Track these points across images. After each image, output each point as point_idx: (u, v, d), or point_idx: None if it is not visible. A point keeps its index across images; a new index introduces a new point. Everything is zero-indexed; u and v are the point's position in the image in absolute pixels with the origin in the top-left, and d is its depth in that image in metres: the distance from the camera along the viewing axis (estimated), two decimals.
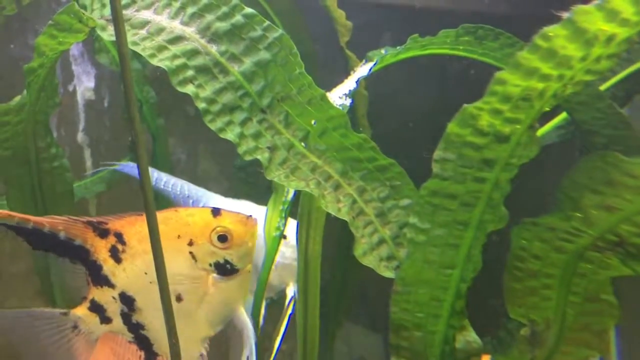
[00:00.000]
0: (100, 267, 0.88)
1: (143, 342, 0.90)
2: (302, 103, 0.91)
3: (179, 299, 0.89)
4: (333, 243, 1.62)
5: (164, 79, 0.93)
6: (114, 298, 0.88)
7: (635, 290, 1.08)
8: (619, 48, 0.73)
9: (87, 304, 0.90)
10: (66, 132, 1.78)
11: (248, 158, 0.91)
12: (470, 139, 0.83)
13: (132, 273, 0.88)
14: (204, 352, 0.93)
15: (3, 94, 1.69)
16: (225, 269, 0.89)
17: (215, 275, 0.89)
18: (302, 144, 0.92)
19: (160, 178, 1.26)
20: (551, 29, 0.72)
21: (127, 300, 0.89)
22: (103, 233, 0.88)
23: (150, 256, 0.83)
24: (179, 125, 1.84)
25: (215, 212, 0.89)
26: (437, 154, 0.86)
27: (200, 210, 0.91)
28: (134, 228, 0.88)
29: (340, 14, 1.44)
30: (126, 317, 0.90)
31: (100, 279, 0.88)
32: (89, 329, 0.89)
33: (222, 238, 0.88)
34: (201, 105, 0.89)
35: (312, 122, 0.91)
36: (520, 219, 0.91)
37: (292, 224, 1.06)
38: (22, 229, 0.84)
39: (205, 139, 1.89)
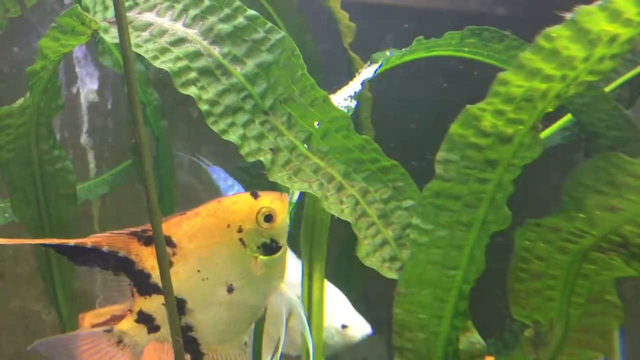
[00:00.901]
0: (148, 276, 0.85)
1: (190, 343, 0.88)
2: (305, 105, 0.91)
3: (230, 290, 0.88)
4: (337, 244, 1.62)
5: (167, 81, 0.93)
6: (163, 304, 0.84)
7: (638, 291, 1.08)
8: (622, 48, 0.73)
9: (133, 317, 0.87)
10: (69, 134, 1.79)
11: (251, 160, 0.91)
12: (473, 139, 0.83)
13: (184, 274, 0.86)
14: (247, 340, 0.92)
15: (6, 96, 1.69)
16: (271, 248, 0.89)
17: (261, 257, 0.88)
18: (305, 145, 0.92)
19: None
20: (554, 30, 0.72)
21: (180, 304, 0.86)
22: (148, 240, 0.85)
23: (203, 252, 0.85)
24: (182, 127, 1.85)
25: (254, 194, 0.89)
26: (440, 155, 0.86)
27: (240, 196, 0.90)
28: (181, 228, 0.86)
29: (343, 15, 1.44)
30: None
31: (148, 288, 0.86)
32: (135, 341, 0.87)
33: (268, 218, 0.87)
34: (204, 107, 0.89)
35: (315, 123, 0.91)
36: (524, 220, 0.91)
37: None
38: (63, 247, 0.83)
39: (208, 141, 1.89)
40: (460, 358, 0.94)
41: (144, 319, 0.86)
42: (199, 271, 0.86)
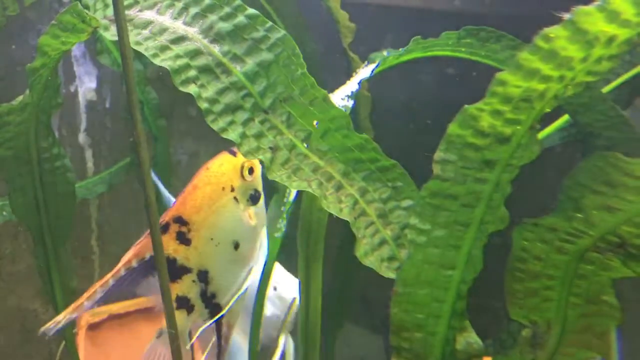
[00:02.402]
0: (174, 261, 0.88)
1: (215, 310, 0.92)
2: (305, 104, 0.91)
3: (236, 246, 0.91)
4: (334, 244, 1.62)
5: (165, 79, 0.93)
6: (193, 281, 0.89)
7: (636, 292, 1.08)
8: (620, 49, 0.74)
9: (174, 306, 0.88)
10: (67, 132, 1.79)
11: (250, 158, 0.91)
12: (471, 139, 0.83)
13: (202, 247, 0.89)
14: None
15: (4, 94, 1.69)
16: (256, 198, 0.94)
17: (250, 208, 0.93)
18: (304, 144, 0.92)
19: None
20: (552, 30, 0.73)
21: (203, 276, 0.90)
22: (164, 228, 0.88)
23: (210, 219, 0.88)
24: (180, 126, 1.85)
25: (232, 152, 0.94)
26: (438, 155, 0.86)
27: (223, 158, 0.94)
28: (187, 205, 0.90)
29: (343, 16, 1.45)
30: (203, 294, 0.90)
31: (178, 272, 0.89)
32: (182, 330, 0.89)
33: (250, 170, 0.93)
34: (203, 105, 0.89)
35: (315, 122, 0.92)
36: (521, 220, 0.91)
37: (281, 273, 1.05)
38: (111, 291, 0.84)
39: (207, 140, 1.90)
40: (457, 358, 0.94)
41: (182, 303, 0.89)
42: (211, 239, 0.90)
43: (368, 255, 0.94)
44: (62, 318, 0.81)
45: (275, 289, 1.09)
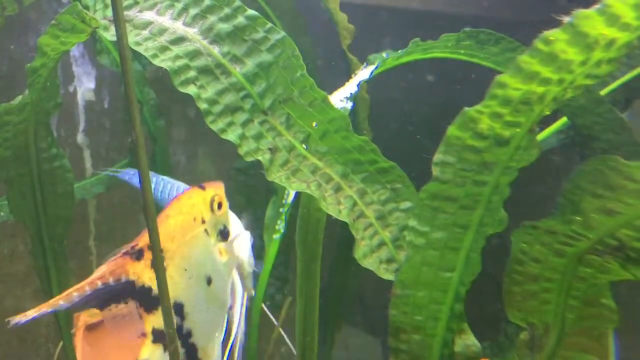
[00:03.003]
0: (149, 290, 0.84)
1: (191, 352, 0.88)
2: (304, 105, 0.91)
3: (209, 282, 0.89)
4: (332, 246, 1.62)
5: (164, 80, 0.93)
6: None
7: (634, 295, 1.09)
8: (619, 52, 0.74)
9: (149, 339, 0.85)
10: (66, 133, 1.79)
11: (249, 159, 0.91)
12: (470, 142, 0.83)
13: (176, 276, 0.86)
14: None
15: (4, 94, 1.69)
16: (225, 234, 0.91)
17: (221, 243, 0.91)
18: (304, 145, 0.92)
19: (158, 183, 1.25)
20: (552, 33, 0.73)
21: (178, 309, 0.86)
22: (138, 254, 0.84)
23: (184, 249, 0.86)
24: (179, 127, 1.85)
25: (200, 186, 0.91)
26: (437, 157, 0.86)
27: (192, 191, 0.91)
28: (160, 232, 0.84)
29: (342, 17, 1.45)
30: (179, 331, 0.87)
31: (153, 301, 0.85)
32: None
33: (219, 205, 0.90)
34: (203, 106, 0.89)
35: (314, 124, 0.92)
36: (519, 222, 0.91)
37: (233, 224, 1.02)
38: (85, 297, 0.80)
39: (205, 141, 1.89)
40: None
41: (158, 337, 0.85)
42: (185, 270, 0.87)
43: (367, 256, 0.94)
44: (33, 313, 0.79)
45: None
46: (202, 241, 0.89)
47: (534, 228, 0.88)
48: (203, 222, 0.89)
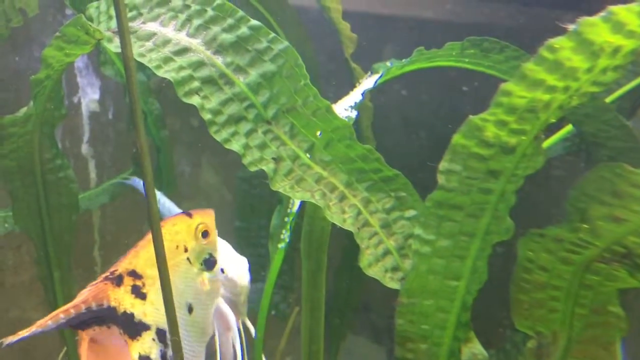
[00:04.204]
0: (131, 316, 0.84)
1: None
2: (308, 114, 0.91)
3: (190, 309, 0.89)
4: (337, 254, 1.62)
5: (168, 90, 0.93)
6: (153, 340, 0.85)
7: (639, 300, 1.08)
8: (625, 60, 0.74)
9: None
10: (70, 143, 1.79)
11: (253, 169, 0.91)
12: (476, 150, 0.83)
13: (158, 302, 0.85)
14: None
15: (8, 105, 1.69)
16: (210, 263, 0.91)
17: (205, 273, 0.90)
18: (307, 155, 0.92)
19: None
20: (557, 41, 0.73)
21: (161, 335, 0.86)
22: (118, 280, 0.84)
23: None
24: (183, 137, 1.85)
25: (188, 214, 0.91)
26: (443, 165, 0.86)
27: (177, 218, 0.91)
28: (140, 258, 0.86)
29: (345, 26, 1.45)
30: (163, 358, 0.86)
31: (137, 328, 0.84)
32: None
33: (205, 234, 0.90)
34: (207, 116, 0.89)
35: (318, 133, 0.92)
36: (524, 230, 0.91)
37: (226, 252, 1.01)
38: (69, 320, 0.81)
39: (209, 151, 1.90)
40: None
41: None
42: None
43: (372, 265, 0.94)
44: (23, 333, 0.79)
45: (223, 271, 1.03)
46: (184, 269, 0.88)
47: (540, 236, 0.88)
48: (186, 250, 0.89)
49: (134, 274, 0.85)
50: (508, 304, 0.95)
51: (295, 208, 1.21)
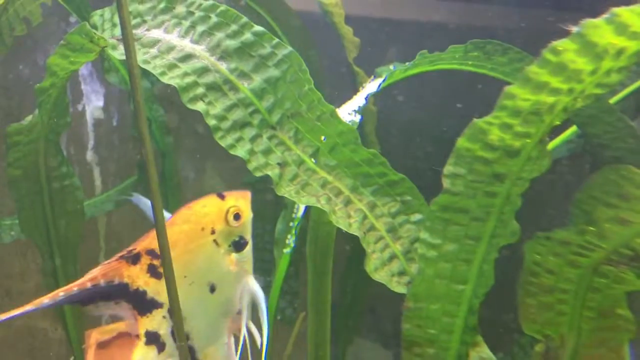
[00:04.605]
0: (144, 293, 0.86)
1: (189, 352, 0.89)
2: (312, 119, 0.91)
3: (212, 289, 0.90)
4: (342, 258, 1.61)
5: (172, 96, 0.94)
6: (164, 317, 0.87)
7: None
8: (629, 61, 0.73)
9: (142, 340, 0.87)
10: (75, 150, 1.80)
11: (258, 174, 0.91)
12: (481, 153, 0.83)
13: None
14: (228, 340, 0.94)
15: (13, 113, 1.70)
16: (240, 245, 0.91)
17: (234, 254, 0.91)
18: (312, 159, 0.92)
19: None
20: (560, 43, 0.73)
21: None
22: (135, 258, 0.86)
23: (185, 257, 0.87)
24: (187, 143, 1.85)
25: (221, 196, 0.92)
26: (447, 169, 0.86)
27: (209, 200, 0.92)
28: None
29: (347, 31, 1.45)
30: (174, 333, 0.88)
31: (148, 305, 0.87)
32: None
33: (237, 216, 0.91)
34: (211, 122, 0.89)
35: (322, 138, 0.92)
36: (529, 232, 0.91)
37: None
38: (71, 297, 0.83)
39: (214, 157, 1.90)
40: None
41: (152, 338, 0.87)
42: (185, 277, 0.88)
43: (378, 270, 0.94)
44: (18, 312, 0.79)
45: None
46: (208, 251, 0.89)
47: (547, 239, 0.87)
48: (213, 232, 0.90)
49: (152, 254, 0.87)
50: (514, 306, 0.95)
51: (300, 213, 1.21)
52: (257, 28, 0.91)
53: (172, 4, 0.94)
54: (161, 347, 0.87)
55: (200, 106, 0.90)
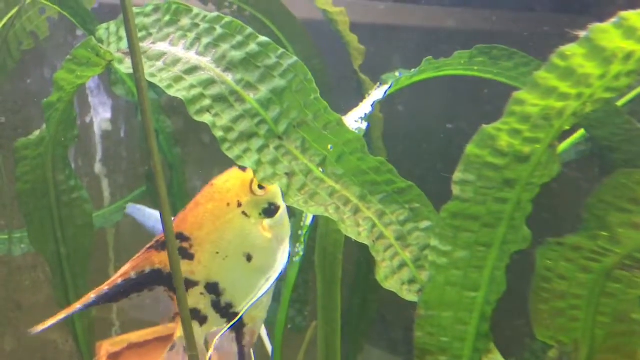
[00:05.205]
0: None
1: (234, 319, 0.92)
2: (319, 128, 0.91)
3: (249, 258, 0.91)
4: (351, 266, 1.61)
5: (179, 107, 0.94)
6: (202, 294, 0.89)
7: None
8: (638, 64, 0.73)
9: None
10: (83, 162, 1.80)
11: (267, 184, 0.91)
12: (490, 159, 0.82)
13: (207, 260, 0.89)
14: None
15: (21, 127, 1.71)
16: (271, 211, 0.92)
17: (266, 220, 0.92)
18: (320, 169, 0.92)
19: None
20: (568, 48, 0.72)
21: (213, 287, 0.90)
22: (163, 245, 0.88)
23: (215, 235, 0.89)
24: (195, 153, 1.86)
25: (242, 168, 0.93)
26: (457, 175, 0.85)
27: (231, 173, 0.93)
28: (188, 222, 0.89)
29: (352, 38, 1.45)
30: (216, 305, 0.91)
31: (184, 285, 0.89)
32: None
33: (261, 186, 0.92)
34: (218, 133, 0.89)
35: (329, 146, 0.91)
36: (538, 237, 0.90)
37: None
38: (102, 298, 0.85)
39: (220, 167, 1.90)
40: None
41: (192, 314, 0.88)
42: (217, 253, 0.89)
43: (388, 278, 0.93)
44: (54, 320, 0.83)
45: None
46: (238, 224, 0.90)
47: (558, 244, 0.87)
48: (239, 205, 0.90)
49: (180, 237, 0.89)
50: (526, 312, 0.94)
51: (309, 221, 1.21)
52: (262, 38, 0.91)
53: (177, 17, 0.94)
54: (202, 320, 0.90)
55: (207, 118, 0.90)
